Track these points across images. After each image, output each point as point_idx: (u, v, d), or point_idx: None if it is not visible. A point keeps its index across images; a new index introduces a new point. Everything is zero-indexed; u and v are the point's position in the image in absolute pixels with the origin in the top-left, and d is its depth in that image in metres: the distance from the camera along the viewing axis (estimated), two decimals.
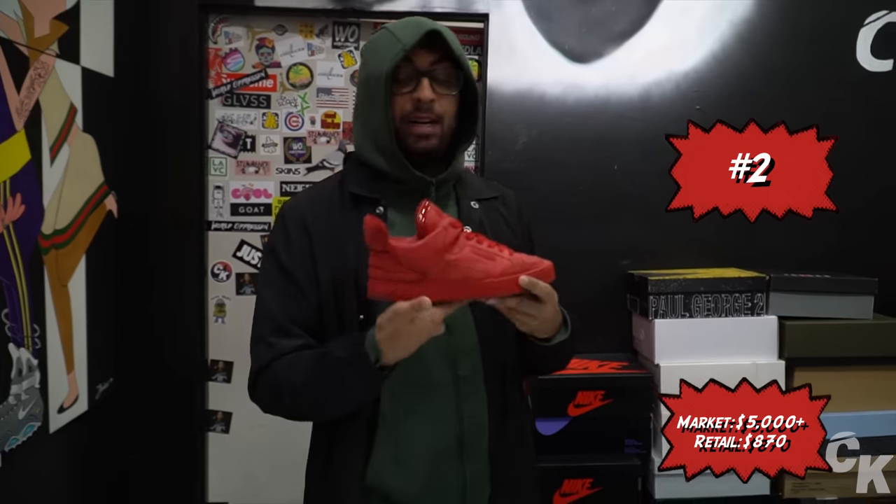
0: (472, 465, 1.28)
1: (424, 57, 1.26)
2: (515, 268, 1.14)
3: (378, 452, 1.26)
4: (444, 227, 1.10)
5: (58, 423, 1.83)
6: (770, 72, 2.34)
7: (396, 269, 1.10)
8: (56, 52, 1.80)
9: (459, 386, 1.27)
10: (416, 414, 1.26)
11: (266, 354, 1.26)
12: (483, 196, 1.39)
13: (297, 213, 1.30)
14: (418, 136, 1.27)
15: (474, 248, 1.13)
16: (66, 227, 1.87)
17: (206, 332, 2.39)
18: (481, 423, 1.29)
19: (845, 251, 2.37)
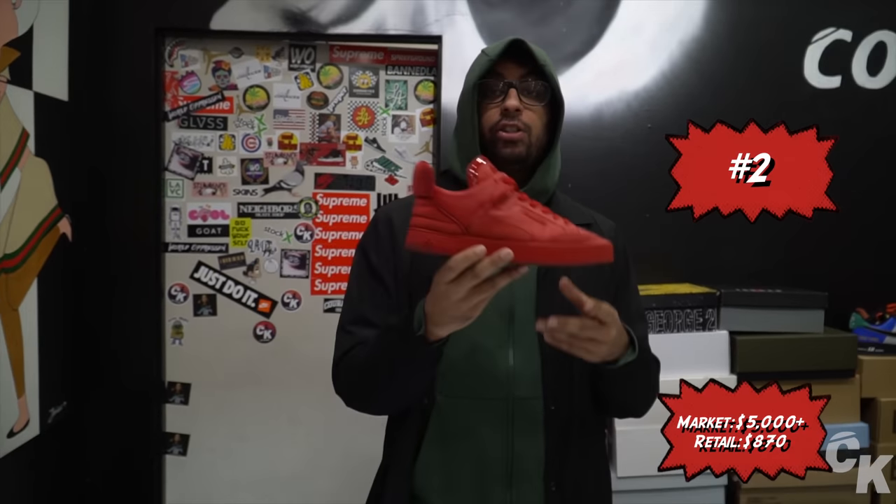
0: (521, 492, 1.25)
1: (513, 69, 1.30)
2: (567, 237, 1.03)
3: (424, 460, 1.27)
4: (493, 180, 1.02)
5: (7, 447, 1.82)
6: (719, 90, 2.38)
7: (437, 217, 1.02)
8: (7, 78, 1.81)
9: (514, 408, 1.26)
10: (465, 429, 1.26)
11: (346, 342, 1.28)
12: (574, 219, 1.30)
13: (387, 217, 1.34)
14: (506, 143, 1.29)
15: (525, 209, 1.04)
16: (16, 251, 1.87)
17: (163, 354, 2.39)
18: (535, 452, 1.26)
19: (796, 265, 2.40)
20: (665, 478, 2.09)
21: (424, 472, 1.27)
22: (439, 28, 2.33)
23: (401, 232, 1.29)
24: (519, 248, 1.01)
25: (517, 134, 1.29)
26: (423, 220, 1.03)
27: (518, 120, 1.29)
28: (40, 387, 1.98)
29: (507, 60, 1.30)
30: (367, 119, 2.43)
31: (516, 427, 1.25)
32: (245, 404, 2.41)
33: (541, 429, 1.26)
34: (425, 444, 1.27)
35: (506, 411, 1.25)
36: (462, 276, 0.99)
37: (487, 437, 1.25)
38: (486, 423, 1.25)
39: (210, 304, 2.41)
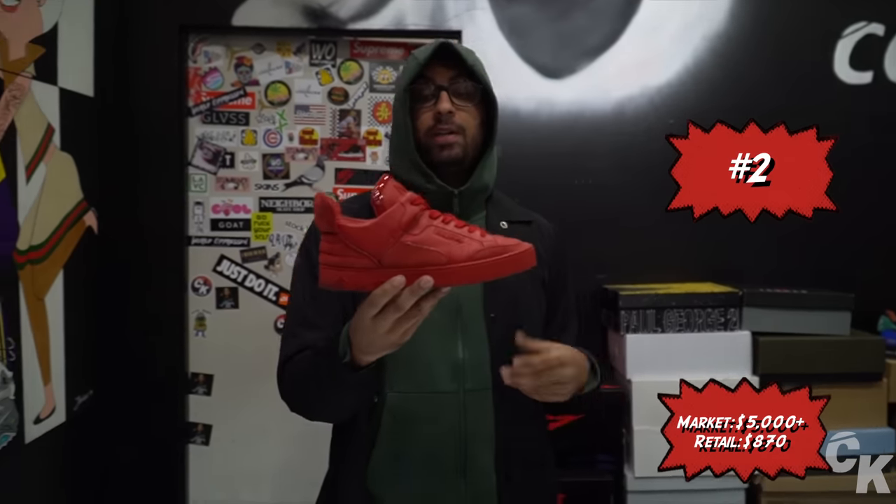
0: (476, 482, 1.28)
1: (443, 73, 1.31)
2: (486, 251, 0.98)
3: (378, 457, 1.29)
4: (401, 203, 0.96)
5: (34, 433, 1.87)
6: (745, 86, 2.33)
7: (346, 253, 0.97)
8: (32, 73, 1.85)
9: (466, 399, 1.28)
10: (418, 423, 1.28)
11: (290, 346, 1.30)
12: (514, 218, 1.40)
13: None
14: (441, 146, 1.31)
15: (438, 229, 0.99)
16: (42, 243, 1.92)
17: (186, 346, 2.43)
18: (488, 440, 1.28)
19: (823, 265, 2.35)
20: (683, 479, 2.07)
21: (378, 470, 1.29)
22: (459, 23, 2.32)
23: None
24: (438, 272, 0.96)
25: (451, 136, 1.31)
26: (331, 257, 0.98)
27: (451, 122, 1.30)
28: (66, 375, 2.03)
29: (436, 64, 1.31)
30: (388, 114, 2.44)
31: (469, 418, 1.28)
32: (266, 396, 2.43)
33: (491, 418, 1.28)
34: (379, 442, 1.29)
35: (458, 404, 1.27)
36: (385, 310, 0.97)
37: (441, 430, 1.27)
38: (440, 417, 1.27)
39: (232, 297, 2.45)
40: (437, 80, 1.31)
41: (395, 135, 1.36)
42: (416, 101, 1.32)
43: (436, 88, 1.31)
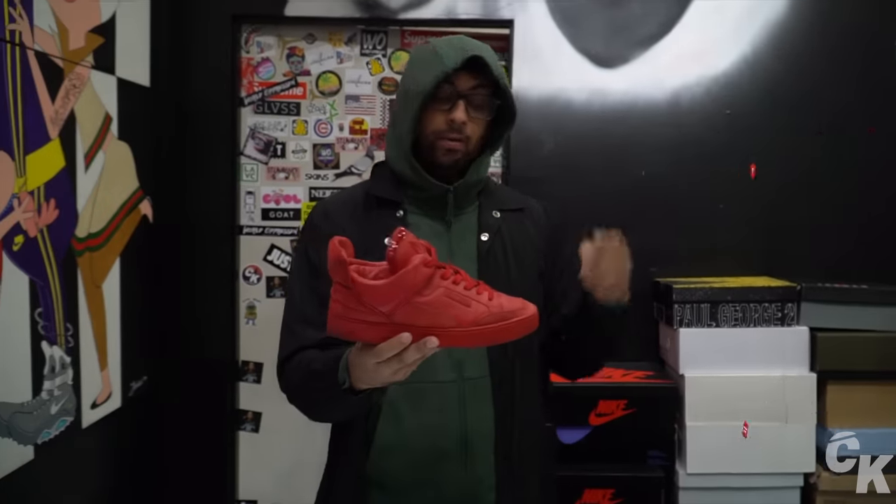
0: (475, 469, 1.29)
1: (465, 79, 1.31)
2: (492, 317, 1.01)
3: (378, 443, 1.30)
4: (415, 266, 0.97)
5: (90, 418, 1.91)
6: (804, 76, 2.28)
7: (357, 307, 0.99)
8: (91, 63, 1.88)
9: (465, 387, 1.29)
10: (419, 412, 1.29)
11: (290, 344, 1.32)
12: (507, 206, 1.42)
13: (325, 213, 1.38)
14: (446, 151, 1.32)
15: (448, 291, 1.01)
16: (100, 230, 1.95)
17: (237, 334, 2.46)
18: (486, 428, 1.30)
19: (883, 261, 2.29)
20: (737, 476, 2.04)
21: (378, 458, 1.29)
22: (511, 12, 2.30)
23: (338, 226, 1.31)
24: (444, 334, 1.00)
25: (458, 144, 1.32)
26: (342, 307, 1.00)
27: (462, 132, 1.31)
28: (122, 361, 2.07)
29: (463, 71, 1.29)
30: None
31: (469, 406, 1.29)
32: None
33: (490, 405, 1.30)
34: (378, 431, 1.29)
35: (458, 392, 1.29)
36: (389, 360, 1.01)
37: (441, 419, 1.28)
38: (440, 406, 1.29)
39: (282, 286, 2.46)
40: (458, 85, 1.30)
41: (396, 127, 1.36)
42: (433, 99, 1.31)
43: (455, 95, 1.30)
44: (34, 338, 1.65)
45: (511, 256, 1.36)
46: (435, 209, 1.35)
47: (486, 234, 1.35)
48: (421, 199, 1.36)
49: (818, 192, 2.30)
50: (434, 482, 1.29)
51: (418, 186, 1.35)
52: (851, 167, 2.29)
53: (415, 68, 1.34)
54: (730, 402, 2.04)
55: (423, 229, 1.33)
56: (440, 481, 1.29)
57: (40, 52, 1.66)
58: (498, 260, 1.34)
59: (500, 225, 1.38)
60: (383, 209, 1.35)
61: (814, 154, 2.30)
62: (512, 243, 1.37)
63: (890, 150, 2.28)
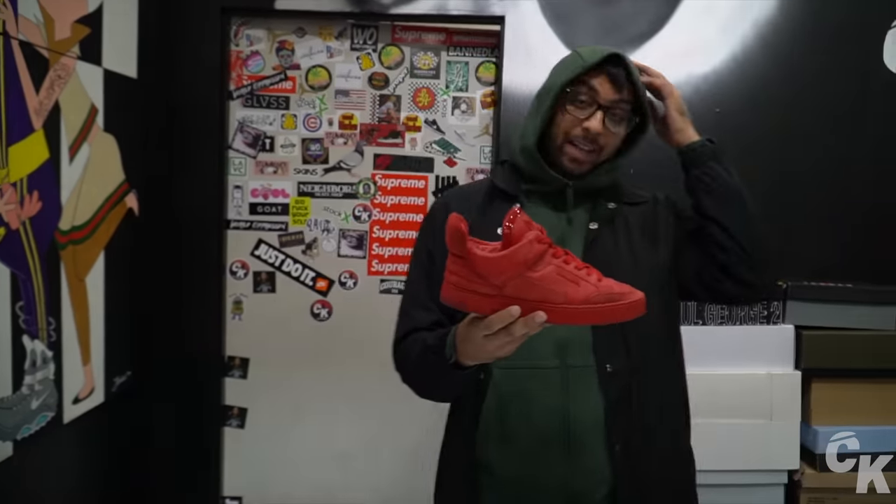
0: (580, 460, 1.26)
1: (608, 90, 1.29)
2: (600, 297, 1.04)
3: (484, 429, 1.30)
4: (529, 241, 1.00)
5: (72, 413, 1.89)
6: (792, 74, 2.28)
7: (471, 278, 1.02)
8: (77, 54, 1.86)
9: (569, 375, 1.27)
10: (521, 397, 1.28)
11: (404, 325, 1.35)
12: (626, 200, 1.39)
13: (445, 204, 1.39)
14: (572, 159, 1.32)
15: (559, 269, 1.03)
16: (84, 223, 1.93)
17: (223, 329, 2.44)
18: (593, 415, 1.26)
19: (869, 259, 2.29)
20: (722, 473, 2.05)
21: (484, 442, 1.30)
22: (502, 8, 2.29)
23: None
24: (553, 310, 1.02)
25: (587, 155, 1.31)
26: (455, 277, 1.03)
27: (595, 142, 1.30)
28: (105, 356, 2.05)
29: (601, 73, 1.29)
30: (428, 100, 2.42)
31: (571, 394, 1.26)
32: (301, 381, 2.45)
33: (597, 392, 1.26)
34: (483, 414, 1.30)
35: (560, 379, 1.27)
36: (497, 333, 1.03)
37: (543, 405, 1.27)
38: (541, 392, 1.27)
39: (269, 282, 2.45)
40: (600, 93, 1.29)
41: (527, 119, 1.36)
42: (570, 101, 1.30)
43: (595, 103, 1.29)
44: (15, 332, 1.64)
45: (623, 247, 1.33)
46: (553, 203, 1.34)
47: (596, 224, 1.33)
48: (540, 193, 1.36)
49: (805, 191, 2.31)
50: (538, 470, 1.27)
51: (538, 179, 1.34)
52: (839, 166, 2.30)
53: (555, 68, 1.36)
54: (716, 399, 2.05)
55: (539, 219, 1.27)
56: (543, 469, 1.27)
57: (25, 41, 1.64)
58: (607, 249, 1.31)
59: (613, 215, 1.35)
60: (502, 201, 1.35)
61: (801, 153, 2.30)
62: (626, 235, 1.35)
63: (878, 149, 2.30)
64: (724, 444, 2.04)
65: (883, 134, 2.29)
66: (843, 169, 2.30)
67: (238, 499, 2.47)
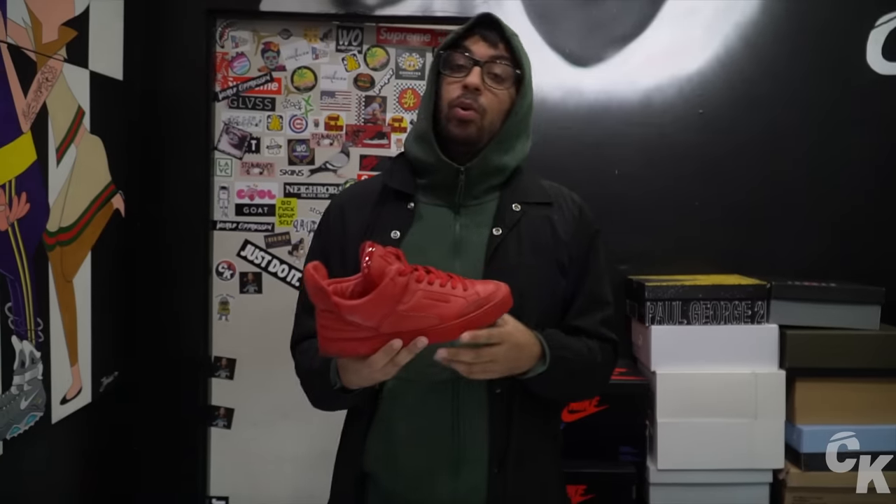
0: (466, 476, 1.26)
1: (482, 48, 1.29)
2: (471, 306, 1.06)
3: (372, 442, 1.30)
4: (391, 279, 1.00)
5: (60, 413, 1.90)
6: (776, 75, 2.30)
7: (344, 327, 1.03)
8: (64, 56, 1.87)
9: (460, 391, 1.26)
10: (412, 409, 1.28)
11: (295, 332, 1.38)
12: (530, 199, 1.35)
13: (338, 205, 1.39)
14: (458, 121, 1.28)
15: (426, 293, 1.05)
16: (71, 224, 1.94)
17: (209, 329, 2.45)
18: (480, 435, 1.26)
19: (853, 258, 2.32)
20: (707, 472, 2.06)
21: (373, 451, 1.30)
22: (486, 9, 2.27)
23: (352, 216, 1.34)
24: (432, 332, 1.05)
25: (469, 113, 1.28)
26: (330, 331, 1.04)
27: (475, 100, 1.27)
28: (93, 356, 2.06)
29: (477, 37, 1.29)
30: (413, 101, 2.43)
31: (462, 410, 1.26)
32: (287, 381, 2.40)
33: (485, 412, 1.26)
34: (375, 424, 1.30)
35: (452, 394, 1.26)
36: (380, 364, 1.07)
37: (434, 419, 1.27)
38: (433, 406, 1.27)
39: (256, 282, 2.46)
40: (475, 53, 1.29)
41: (420, 109, 1.37)
42: (449, 68, 1.30)
43: (470, 62, 1.29)
44: (3, 332, 1.64)
45: (527, 252, 1.29)
46: (446, 196, 1.31)
47: (500, 229, 1.29)
48: (432, 186, 1.33)
49: (789, 191, 2.33)
50: (424, 485, 1.27)
51: (430, 171, 1.32)
52: (822, 167, 2.32)
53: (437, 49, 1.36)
54: (700, 398, 2.06)
55: (432, 220, 1.31)
56: (431, 484, 1.27)
57: (13, 44, 1.65)
58: (509, 255, 1.28)
59: (518, 218, 1.31)
60: (396, 201, 1.33)
61: (785, 154, 2.32)
62: (530, 238, 1.30)
63: (861, 149, 2.32)
64: (708, 444, 2.05)
65: (866, 134, 2.31)
66: (827, 169, 2.33)
67: (225, 499, 2.47)
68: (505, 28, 1.31)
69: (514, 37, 1.32)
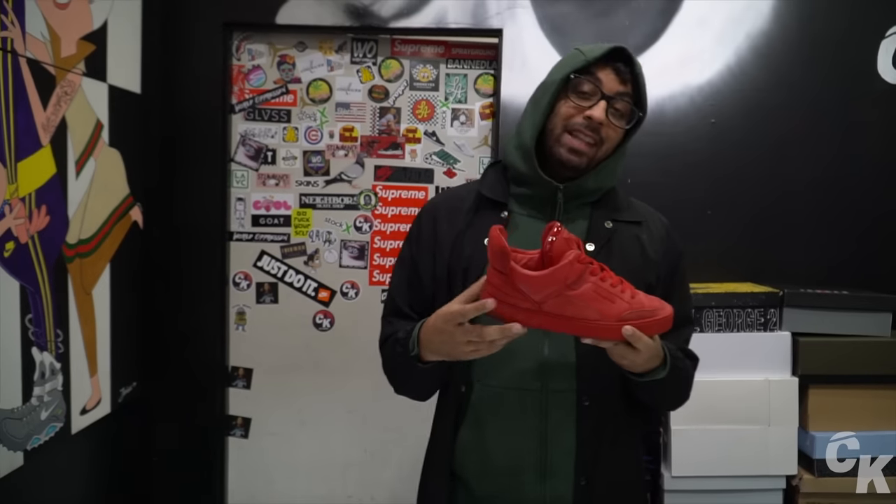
0: (552, 485, 1.27)
1: (612, 82, 1.27)
2: (633, 314, 1.08)
3: (462, 444, 1.31)
4: (570, 262, 1.03)
5: (80, 424, 1.92)
6: (787, 85, 2.31)
7: (511, 293, 1.06)
8: (83, 70, 1.89)
9: (549, 400, 1.27)
10: (500, 418, 1.28)
11: (384, 330, 1.37)
12: (622, 218, 1.35)
13: (431, 210, 1.39)
14: (571, 149, 1.27)
15: (596, 286, 1.06)
16: (90, 237, 1.96)
17: (226, 340, 2.47)
18: (567, 445, 1.27)
19: (865, 266, 2.33)
20: (721, 479, 2.07)
21: (462, 454, 1.31)
22: (500, 21, 2.33)
23: (444, 223, 1.34)
24: (587, 326, 1.07)
25: (588, 147, 1.27)
26: (495, 290, 1.08)
27: (597, 132, 1.27)
28: (112, 367, 2.08)
29: (606, 67, 1.27)
30: (427, 112, 2.45)
31: (550, 418, 1.27)
32: (304, 391, 2.47)
33: (573, 422, 1.27)
34: (463, 428, 1.31)
35: (540, 402, 1.27)
36: (469, 333, 1.09)
37: (522, 426, 1.27)
38: (521, 413, 1.27)
39: (272, 293, 2.47)
40: (605, 84, 1.26)
41: (523, 118, 1.33)
42: (571, 92, 1.27)
43: (599, 93, 1.26)
44: (24, 344, 1.66)
45: (617, 268, 1.24)
46: (542, 210, 1.31)
47: (593, 245, 1.28)
48: (528, 199, 1.32)
49: (800, 200, 2.34)
50: (513, 493, 1.27)
51: (527, 183, 1.31)
52: (834, 176, 2.33)
53: (556, 66, 1.31)
54: (714, 405, 2.06)
55: (527, 230, 1.29)
56: (520, 493, 1.27)
57: (32, 59, 1.68)
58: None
59: (610, 236, 1.31)
60: (489, 209, 1.33)
61: (796, 163, 2.33)
62: (621, 255, 1.30)
63: (872, 158, 2.33)
64: (722, 450, 2.05)
65: (878, 143, 2.32)
66: (839, 178, 2.33)
67: None
68: (636, 65, 1.28)
69: (642, 76, 1.29)
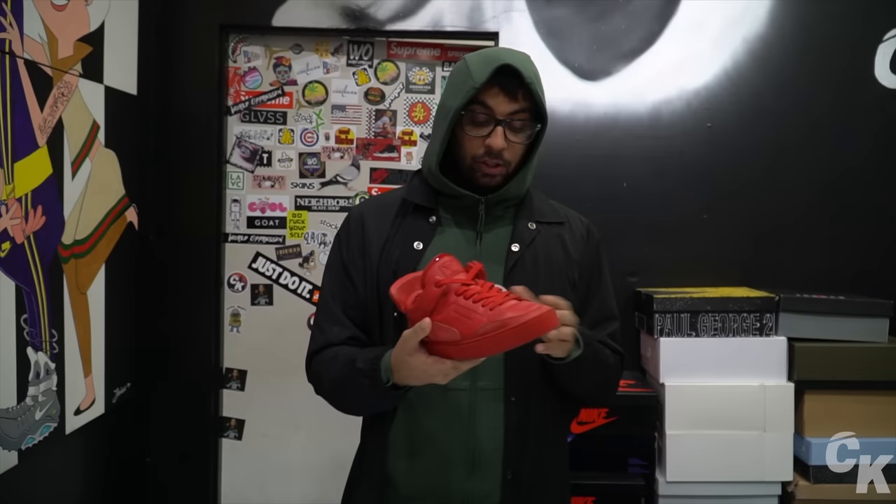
0: (481, 481, 1.29)
1: (503, 104, 1.28)
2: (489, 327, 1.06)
3: (394, 445, 1.33)
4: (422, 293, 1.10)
5: (74, 424, 1.92)
6: (784, 89, 2.31)
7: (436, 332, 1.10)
8: (79, 72, 1.90)
9: (477, 397, 1.30)
10: (430, 416, 1.31)
11: (318, 340, 1.37)
12: (543, 218, 1.40)
13: (360, 215, 1.40)
14: (485, 175, 1.32)
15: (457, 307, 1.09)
16: (86, 237, 1.96)
17: (221, 341, 2.46)
18: (496, 441, 1.30)
19: (861, 271, 2.33)
20: (716, 484, 2.07)
21: (393, 457, 1.33)
22: (496, 24, 2.33)
23: (372, 228, 1.36)
24: (455, 349, 1.09)
25: (497, 169, 1.32)
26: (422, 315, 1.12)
27: (500, 158, 1.30)
28: (106, 368, 2.08)
29: (493, 87, 1.27)
30: (423, 115, 2.46)
31: (479, 416, 1.29)
32: (298, 392, 2.46)
33: (501, 418, 1.30)
34: (393, 430, 1.33)
35: (469, 401, 1.29)
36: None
37: (451, 425, 1.30)
38: (449, 412, 1.30)
39: (267, 294, 2.48)
40: (495, 109, 1.28)
41: (431, 140, 1.38)
42: (466, 123, 1.30)
43: (492, 120, 1.28)
44: (20, 344, 1.66)
45: (542, 268, 1.34)
46: (468, 217, 1.36)
47: (518, 245, 1.34)
48: (454, 207, 1.37)
49: (797, 204, 2.34)
50: (441, 490, 1.30)
51: (452, 195, 1.36)
52: (830, 180, 2.33)
53: (450, 82, 1.34)
54: (709, 410, 2.07)
55: (455, 237, 1.35)
56: (447, 490, 1.29)
57: (30, 60, 1.68)
58: (526, 270, 1.32)
59: (534, 237, 1.36)
60: (417, 215, 1.36)
61: (793, 167, 2.34)
62: (545, 255, 1.36)
63: (868, 162, 2.33)
64: (717, 456, 2.05)
65: (874, 147, 2.32)
66: (835, 182, 2.34)
67: None
68: (524, 75, 1.26)
69: (533, 83, 1.28)
